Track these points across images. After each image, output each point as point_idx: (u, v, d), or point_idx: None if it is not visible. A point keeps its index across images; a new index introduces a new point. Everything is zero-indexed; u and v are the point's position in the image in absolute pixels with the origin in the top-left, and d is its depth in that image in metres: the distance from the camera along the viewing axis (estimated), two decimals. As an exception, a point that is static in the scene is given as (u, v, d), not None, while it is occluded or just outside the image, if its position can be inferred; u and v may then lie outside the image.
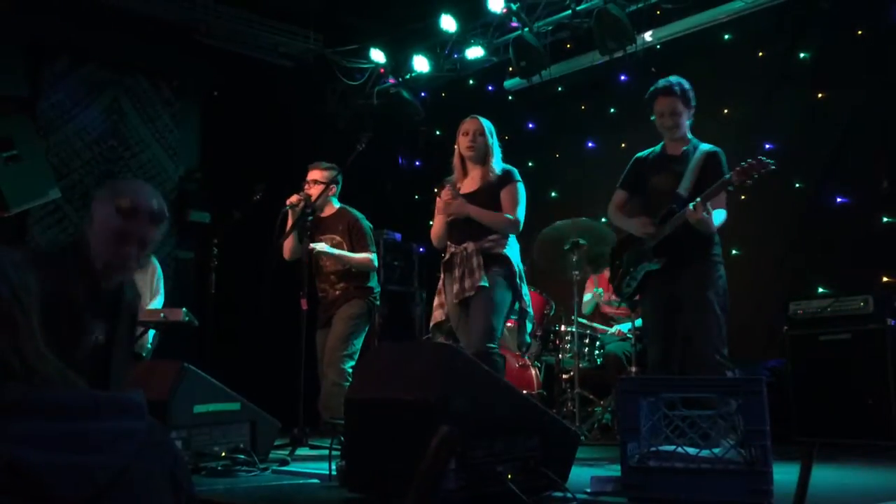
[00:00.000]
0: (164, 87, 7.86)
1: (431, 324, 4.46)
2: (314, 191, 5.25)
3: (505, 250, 4.25)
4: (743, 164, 3.96)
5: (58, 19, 6.81)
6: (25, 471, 1.18)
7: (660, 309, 4.21)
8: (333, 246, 5.27)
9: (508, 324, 5.80)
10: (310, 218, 5.16)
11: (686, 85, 4.30)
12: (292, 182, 5.49)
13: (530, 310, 4.38)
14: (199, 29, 7.46)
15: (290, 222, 5.20)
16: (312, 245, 5.18)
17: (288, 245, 5.30)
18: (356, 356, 5.13)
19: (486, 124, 4.39)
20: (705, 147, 4.28)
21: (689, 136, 4.35)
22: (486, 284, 4.11)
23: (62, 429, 1.24)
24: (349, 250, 5.27)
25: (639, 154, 4.52)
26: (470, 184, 4.38)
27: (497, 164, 4.36)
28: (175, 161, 7.89)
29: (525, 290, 4.31)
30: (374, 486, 2.94)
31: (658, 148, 4.44)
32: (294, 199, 5.19)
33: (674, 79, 4.33)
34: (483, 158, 4.34)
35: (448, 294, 4.31)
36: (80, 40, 7.07)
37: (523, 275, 4.32)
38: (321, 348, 5.26)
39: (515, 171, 4.38)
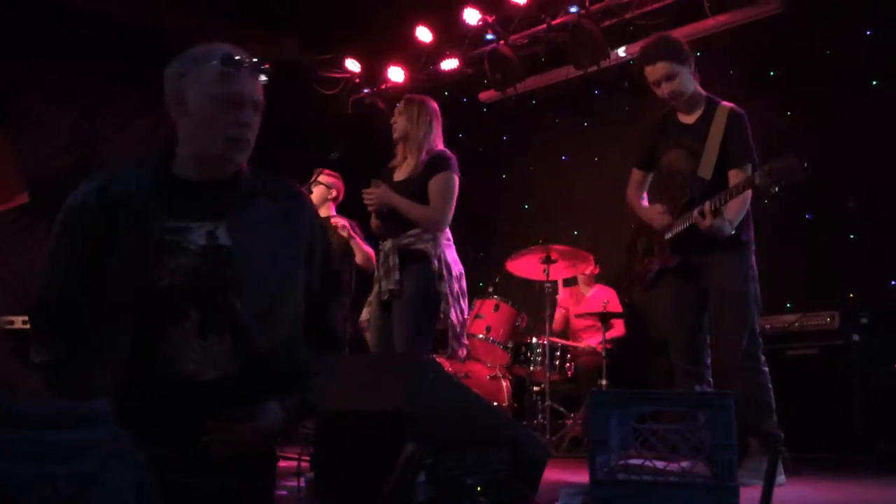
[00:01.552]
0: (136, 93, 7.79)
1: (360, 321, 4.24)
2: (315, 191, 5.35)
3: (427, 245, 3.86)
4: (770, 165, 3.41)
5: (28, 23, 6.74)
6: (-13, 481, 1.16)
7: (680, 304, 3.81)
8: None
9: (479, 335, 5.83)
10: None
11: (670, 40, 3.83)
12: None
13: (455, 313, 3.93)
14: (173, 34, 7.41)
15: None
16: None
17: None
18: None
19: (416, 104, 4.06)
20: (725, 107, 3.77)
21: (701, 93, 3.84)
22: (404, 288, 3.82)
23: (27, 439, 1.22)
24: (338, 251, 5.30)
25: (649, 123, 4.06)
26: (404, 171, 4.08)
27: (429, 149, 3.99)
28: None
29: (449, 287, 3.88)
30: (343, 497, 2.92)
31: (670, 111, 3.95)
32: None
33: (654, 40, 3.85)
34: (405, 137, 4.03)
35: (374, 293, 4.04)
36: (51, 45, 7.00)
37: (450, 271, 3.92)
38: None
39: (448, 158, 3.96)
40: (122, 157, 7.64)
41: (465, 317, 4.08)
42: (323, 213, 5.49)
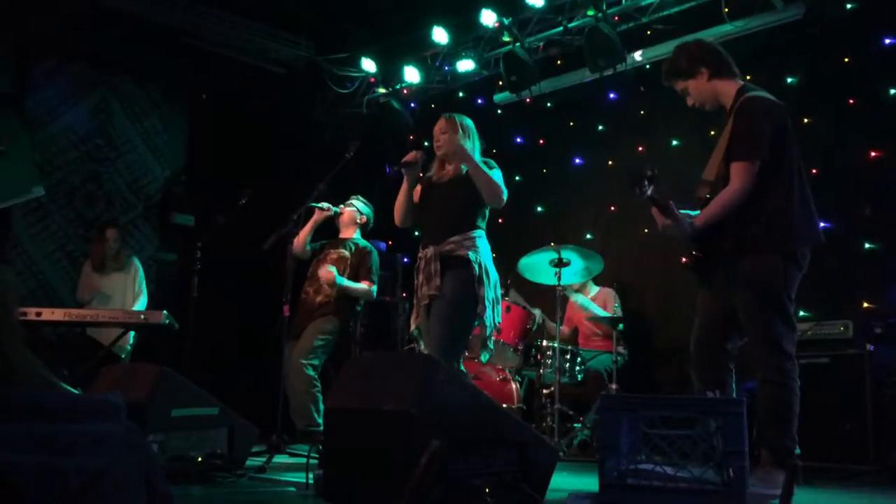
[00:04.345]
0: (152, 88, 7.83)
1: (410, 329, 4.34)
2: (346, 211, 5.47)
3: (468, 252, 3.96)
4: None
5: (48, 17, 6.78)
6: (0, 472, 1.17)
7: (707, 310, 3.68)
8: (338, 259, 5.34)
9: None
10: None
11: (671, 59, 3.76)
12: (278, 188, 5.49)
13: (490, 317, 4.00)
14: (190, 31, 7.45)
15: (310, 222, 5.37)
16: (322, 271, 5.20)
17: (301, 240, 5.32)
18: (319, 369, 5.09)
19: (455, 121, 4.17)
20: (740, 101, 3.59)
21: (730, 93, 3.67)
22: (444, 292, 3.92)
23: (39, 431, 1.22)
24: (351, 268, 5.32)
25: None
26: (447, 176, 4.19)
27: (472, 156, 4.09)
28: (161, 162, 7.86)
29: (489, 293, 3.99)
30: (350, 495, 2.92)
31: None
32: (325, 204, 5.34)
33: (665, 62, 3.82)
34: (452, 154, 4.12)
35: (417, 299, 4.13)
36: (70, 39, 7.04)
37: (489, 277, 4.01)
38: (287, 360, 5.11)
39: (492, 162, 4.15)
40: (136, 150, 7.69)
41: (497, 323, 4.14)
42: (348, 233, 5.53)
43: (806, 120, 5.79)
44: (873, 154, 5.52)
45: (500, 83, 7.26)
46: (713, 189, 3.63)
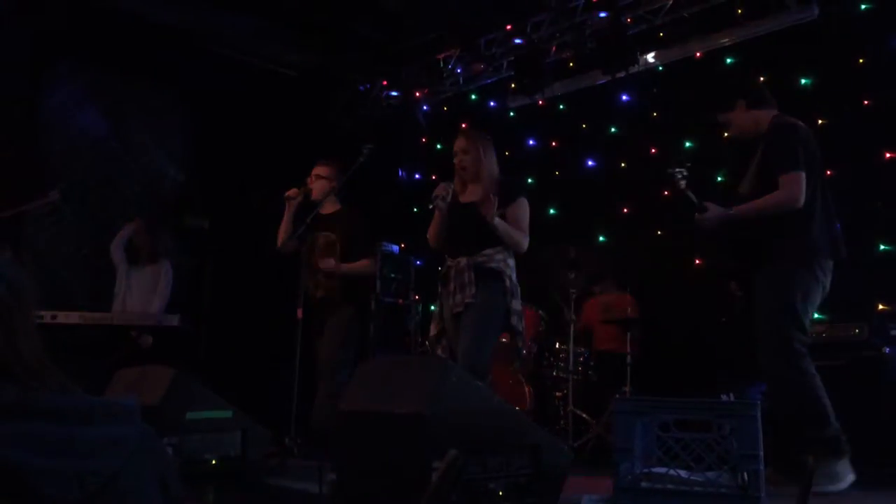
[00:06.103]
0: (166, 90, 7.87)
1: (431, 334, 4.41)
2: (316, 185, 5.19)
3: (499, 265, 4.17)
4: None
5: (61, 20, 6.82)
6: (15, 473, 1.17)
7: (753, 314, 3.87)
8: (328, 243, 5.13)
9: (503, 339, 5.81)
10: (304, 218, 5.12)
11: (720, 89, 4.08)
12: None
13: (521, 326, 4.25)
14: (203, 34, 7.47)
15: (286, 214, 5.16)
16: (322, 264, 5.03)
17: (281, 236, 5.16)
18: (349, 364, 5.05)
19: (477, 138, 4.32)
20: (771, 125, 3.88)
21: (766, 121, 3.94)
22: (477, 300, 4.08)
23: (55, 433, 1.23)
24: (342, 251, 5.11)
25: None
26: (470, 195, 4.29)
27: (494, 176, 4.29)
28: (175, 165, 7.90)
29: (517, 306, 4.21)
30: (362, 498, 2.92)
31: None
32: (292, 192, 5.14)
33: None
34: (475, 175, 4.29)
35: (445, 307, 4.28)
36: (83, 42, 7.07)
37: (517, 291, 4.23)
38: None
39: (521, 184, 4.29)
40: (151, 153, 7.73)
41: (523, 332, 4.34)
42: (330, 207, 5.26)
43: (820, 121, 5.76)
44: (888, 155, 5.48)
45: (513, 85, 7.25)
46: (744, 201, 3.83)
